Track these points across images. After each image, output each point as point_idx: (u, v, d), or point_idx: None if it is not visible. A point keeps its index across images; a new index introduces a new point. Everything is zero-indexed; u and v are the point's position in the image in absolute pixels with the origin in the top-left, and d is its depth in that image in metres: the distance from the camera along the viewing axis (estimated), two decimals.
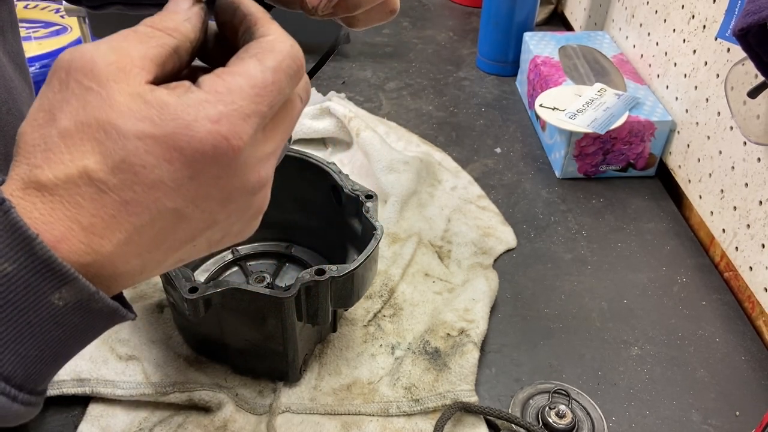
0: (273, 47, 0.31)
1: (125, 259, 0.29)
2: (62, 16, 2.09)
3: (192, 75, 0.32)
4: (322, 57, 0.43)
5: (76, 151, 0.27)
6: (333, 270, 0.54)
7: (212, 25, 0.36)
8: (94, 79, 0.28)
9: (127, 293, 0.66)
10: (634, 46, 0.98)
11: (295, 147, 0.72)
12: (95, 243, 0.28)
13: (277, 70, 0.30)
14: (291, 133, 0.34)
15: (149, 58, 0.29)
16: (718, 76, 0.76)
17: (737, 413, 0.61)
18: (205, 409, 0.58)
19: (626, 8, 1.01)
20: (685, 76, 0.83)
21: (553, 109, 0.86)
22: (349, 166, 0.87)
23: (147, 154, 0.27)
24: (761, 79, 0.63)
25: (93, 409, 0.58)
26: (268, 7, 0.40)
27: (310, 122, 0.90)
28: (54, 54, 1.96)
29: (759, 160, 0.69)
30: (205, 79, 0.29)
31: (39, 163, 0.27)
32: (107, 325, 0.30)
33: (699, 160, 0.81)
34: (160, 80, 0.30)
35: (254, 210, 0.33)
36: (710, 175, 0.78)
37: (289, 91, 0.31)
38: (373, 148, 0.85)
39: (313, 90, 1.01)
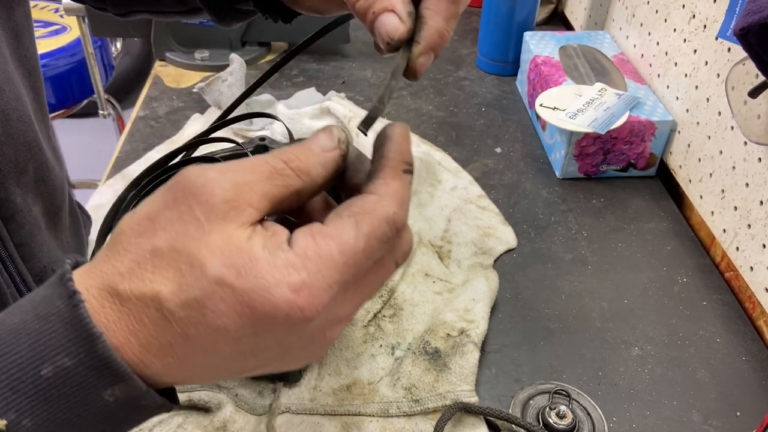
0: (374, 209, 0.30)
1: (173, 374, 0.29)
2: (61, 16, 2.08)
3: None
4: (315, 34, 0.41)
5: (158, 273, 0.28)
6: None
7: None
8: (204, 213, 0.28)
9: None
10: (634, 45, 0.98)
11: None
12: (147, 359, 0.28)
13: (370, 236, 0.29)
14: (374, 293, 0.33)
15: (268, 198, 0.29)
16: (718, 75, 0.76)
17: (738, 414, 0.60)
18: (204, 409, 0.58)
19: (627, 8, 1.00)
20: (686, 75, 0.83)
21: (554, 108, 0.86)
22: None
23: (221, 301, 0.27)
24: (762, 78, 0.63)
25: None
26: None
27: (309, 122, 0.90)
28: (53, 53, 1.95)
29: (760, 160, 0.69)
30: (299, 238, 0.29)
31: (123, 272, 0.28)
32: (151, 416, 0.30)
33: (700, 160, 0.80)
34: (272, 213, 0.30)
35: (308, 357, 0.32)
36: (711, 175, 0.78)
37: (379, 255, 0.30)
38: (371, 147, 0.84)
39: (313, 89, 1.01)
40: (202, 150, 0.65)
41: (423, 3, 0.37)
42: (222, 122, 0.59)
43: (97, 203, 0.81)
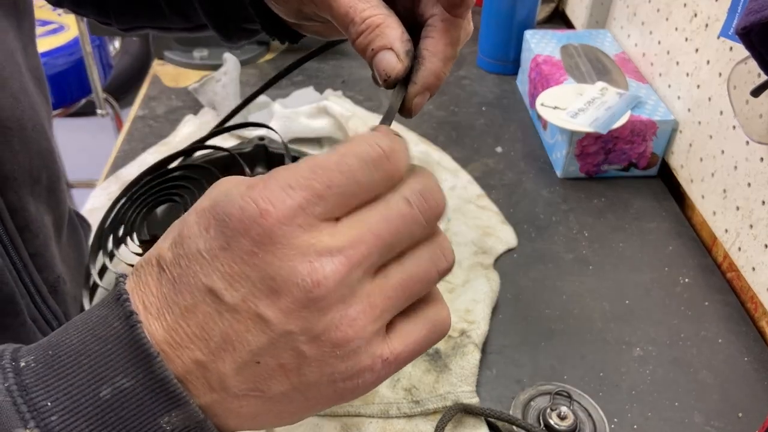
0: (353, 139, 0.28)
1: (185, 364, 0.27)
2: (59, 14, 2.08)
3: None
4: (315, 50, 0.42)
5: (162, 239, 0.29)
6: None
7: None
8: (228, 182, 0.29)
9: None
10: (635, 44, 0.97)
11: (291, 146, 0.71)
12: (152, 324, 0.27)
13: (345, 154, 0.27)
14: (391, 240, 0.28)
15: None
16: (720, 75, 0.75)
17: (740, 414, 0.60)
18: None
19: (628, 6, 1.00)
20: (688, 75, 0.83)
21: (555, 108, 0.86)
22: None
23: (193, 224, 0.27)
24: (764, 78, 0.62)
25: None
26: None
27: (306, 121, 0.90)
28: (52, 52, 1.95)
29: (762, 159, 0.68)
30: None
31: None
32: None
33: (701, 159, 0.80)
34: None
35: (332, 343, 0.27)
36: (713, 174, 0.78)
37: (367, 180, 0.27)
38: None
39: (310, 89, 1.01)
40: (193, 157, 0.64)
41: (422, 43, 0.37)
42: (217, 131, 0.59)
43: (92, 207, 0.80)
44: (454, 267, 0.76)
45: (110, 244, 0.54)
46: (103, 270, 0.60)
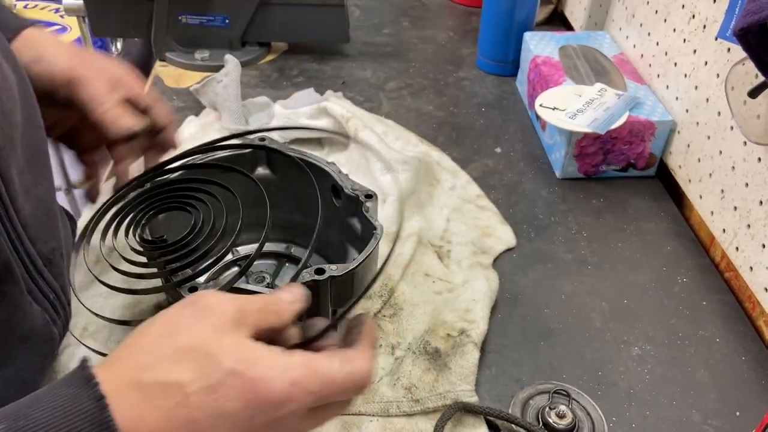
0: (358, 359, 0.40)
1: None
2: (62, 16, 2.08)
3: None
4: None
5: (179, 365, 0.34)
6: (333, 269, 0.54)
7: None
8: (219, 322, 0.37)
9: (127, 299, 0.66)
10: (634, 45, 0.98)
11: (292, 147, 0.71)
12: None
13: (350, 376, 0.38)
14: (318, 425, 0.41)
15: (256, 326, 0.38)
16: (718, 76, 0.76)
17: (738, 413, 0.60)
18: None
19: (626, 8, 1.01)
20: (686, 76, 0.83)
21: (554, 108, 0.86)
22: (346, 167, 0.87)
23: (231, 388, 0.34)
24: (761, 78, 0.63)
25: None
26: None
27: (306, 122, 0.90)
28: None
29: (759, 159, 0.69)
30: (297, 351, 0.38)
31: (148, 364, 0.34)
32: None
33: (699, 160, 0.80)
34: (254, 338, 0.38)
35: None
36: (710, 175, 0.78)
37: (344, 398, 0.40)
38: (371, 148, 0.84)
39: (311, 90, 1.01)
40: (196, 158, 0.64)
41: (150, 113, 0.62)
42: (207, 147, 0.61)
43: (93, 207, 0.80)
44: (454, 267, 0.76)
45: (110, 234, 0.54)
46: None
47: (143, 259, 0.53)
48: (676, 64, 0.86)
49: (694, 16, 0.81)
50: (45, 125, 0.56)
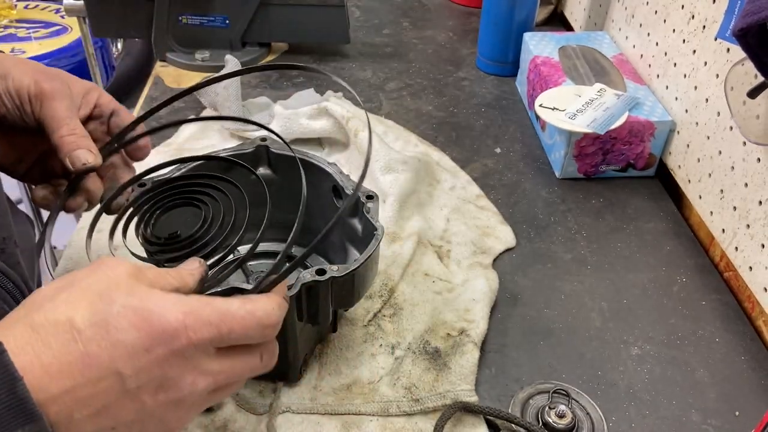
0: (260, 300, 0.40)
1: (66, 412, 0.34)
2: (62, 16, 2.09)
3: None
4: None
5: (72, 306, 0.35)
6: (333, 270, 0.54)
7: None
8: (115, 271, 0.37)
9: None
10: (633, 46, 0.98)
11: (293, 147, 0.71)
12: (45, 383, 0.33)
13: (252, 313, 0.39)
14: (237, 386, 0.42)
15: (155, 284, 0.38)
16: (717, 76, 0.76)
17: (737, 413, 0.61)
18: (206, 408, 0.58)
19: (626, 8, 1.01)
20: (685, 76, 0.83)
21: (553, 109, 0.86)
22: (346, 167, 0.87)
23: (123, 318, 0.35)
24: (761, 79, 0.63)
25: None
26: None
27: (307, 122, 0.90)
28: (54, 54, 1.95)
29: (759, 160, 0.69)
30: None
31: (40, 304, 0.35)
32: None
33: (699, 160, 0.81)
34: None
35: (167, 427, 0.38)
36: (710, 175, 0.78)
37: (253, 336, 0.40)
38: (371, 148, 0.84)
39: (311, 90, 1.01)
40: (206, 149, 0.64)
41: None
42: (178, 160, 0.62)
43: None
44: (454, 266, 0.76)
45: (119, 230, 0.54)
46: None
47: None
48: (675, 64, 0.86)
49: (693, 17, 0.81)
50: (12, 160, 0.57)
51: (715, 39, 0.75)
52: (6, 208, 0.55)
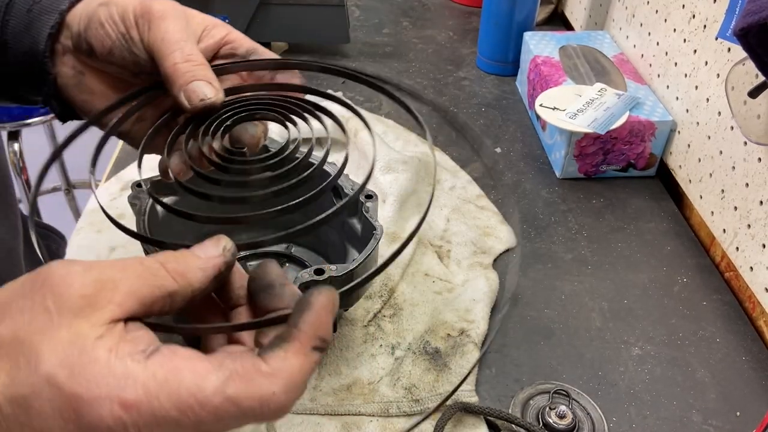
0: (254, 379, 0.28)
1: None
2: None
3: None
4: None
5: None
6: (332, 269, 0.54)
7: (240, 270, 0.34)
8: (56, 305, 0.27)
9: None
10: (634, 45, 0.98)
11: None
12: None
13: (231, 401, 0.27)
14: None
15: (136, 297, 0.28)
16: (718, 75, 0.76)
17: (738, 413, 0.60)
18: None
19: (626, 8, 1.00)
20: (686, 75, 0.83)
21: (554, 108, 0.86)
22: (347, 167, 0.87)
23: (47, 402, 0.26)
24: (762, 78, 0.63)
25: None
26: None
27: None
28: None
29: (760, 160, 0.69)
30: (161, 352, 0.27)
31: None
32: None
33: (699, 160, 0.80)
34: (141, 315, 0.29)
35: None
36: (711, 175, 0.78)
37: (232, 425, 0.28)
38: (371, 148, 0.84)
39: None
40: None
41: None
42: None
43: (93, 207, 0.81)
44: (454, 267, 0.76)
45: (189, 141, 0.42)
46: None
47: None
48: (676, 64, 0.86)
49: (694, 16, 0.81)
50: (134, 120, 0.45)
51: (716, 38, 0.74)
52: (20, 263, 0.49)
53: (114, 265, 0.28)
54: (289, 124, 0.44)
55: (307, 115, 0.45)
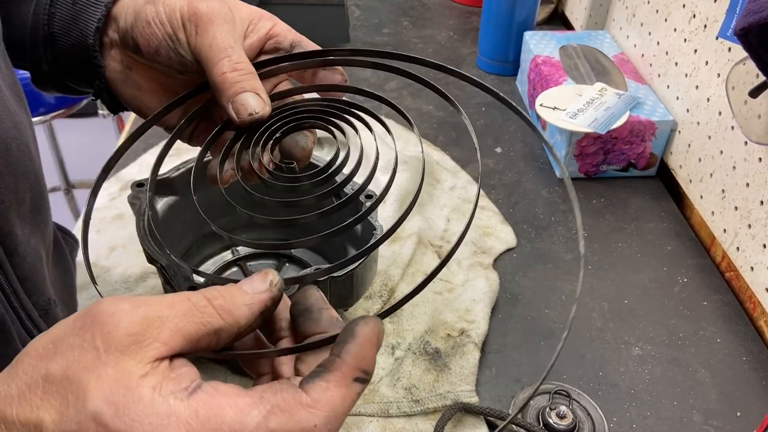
0: (296, 412, 0.28)
1: None
2: None
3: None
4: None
5: (46, 400, 0.27)
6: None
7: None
8: (104, 343, 0.27)
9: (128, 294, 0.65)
10: (634, 45, 0.98)
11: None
12: None
13: None
14: None
15: (182, 334, 0.28)
16: (719, 75, 0.76)
17: (738, 414, 0.60)
18: None
19: (627, 7, 1.00)
20: (686, 75, 0.83)
21: (554, 108, 0.86)
22: (347, 167, 0.87)
23: None
24: (762, 78, 0.62)
25: None
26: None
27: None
28: None
29: (760, 159, 0.68)
30: (204, 389, 0.28)
31: (14, 395, 0.27)
32: None
33: (700, 159, 0.80)
34: (186, 352, 0.29)
35: None
36: (711, 174, 0.78)
37: None
38: (371, 148, 0.84)
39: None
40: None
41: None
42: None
43: (94, 207, 0.80)
44: (454, 266, 0.76)
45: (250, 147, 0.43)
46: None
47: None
48: (676, 63, 0.85)
49: (694, 16, 0.81)
50: (181, 115, 0.45)
51: (717, 38, 0.74)
52: (44, 272, 0.49)
53: (162, 302, 0.29)
54: (337, 133, 0.45)
55: (353, 119, 0.46)
